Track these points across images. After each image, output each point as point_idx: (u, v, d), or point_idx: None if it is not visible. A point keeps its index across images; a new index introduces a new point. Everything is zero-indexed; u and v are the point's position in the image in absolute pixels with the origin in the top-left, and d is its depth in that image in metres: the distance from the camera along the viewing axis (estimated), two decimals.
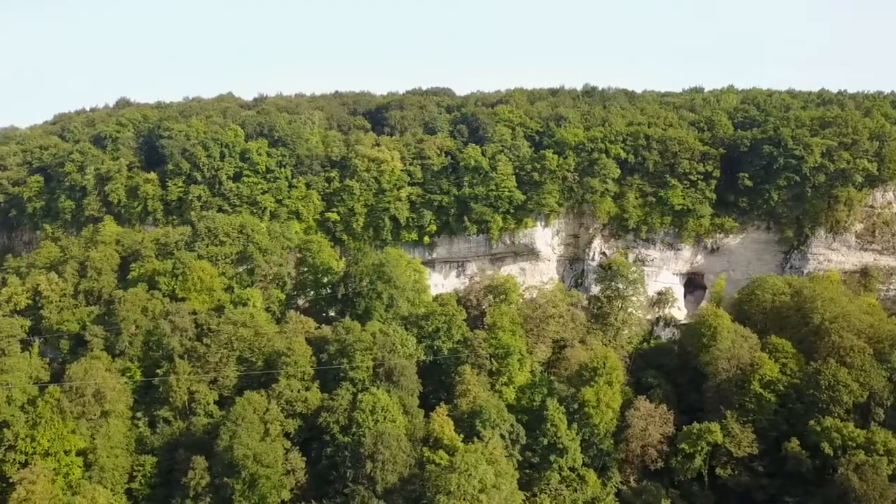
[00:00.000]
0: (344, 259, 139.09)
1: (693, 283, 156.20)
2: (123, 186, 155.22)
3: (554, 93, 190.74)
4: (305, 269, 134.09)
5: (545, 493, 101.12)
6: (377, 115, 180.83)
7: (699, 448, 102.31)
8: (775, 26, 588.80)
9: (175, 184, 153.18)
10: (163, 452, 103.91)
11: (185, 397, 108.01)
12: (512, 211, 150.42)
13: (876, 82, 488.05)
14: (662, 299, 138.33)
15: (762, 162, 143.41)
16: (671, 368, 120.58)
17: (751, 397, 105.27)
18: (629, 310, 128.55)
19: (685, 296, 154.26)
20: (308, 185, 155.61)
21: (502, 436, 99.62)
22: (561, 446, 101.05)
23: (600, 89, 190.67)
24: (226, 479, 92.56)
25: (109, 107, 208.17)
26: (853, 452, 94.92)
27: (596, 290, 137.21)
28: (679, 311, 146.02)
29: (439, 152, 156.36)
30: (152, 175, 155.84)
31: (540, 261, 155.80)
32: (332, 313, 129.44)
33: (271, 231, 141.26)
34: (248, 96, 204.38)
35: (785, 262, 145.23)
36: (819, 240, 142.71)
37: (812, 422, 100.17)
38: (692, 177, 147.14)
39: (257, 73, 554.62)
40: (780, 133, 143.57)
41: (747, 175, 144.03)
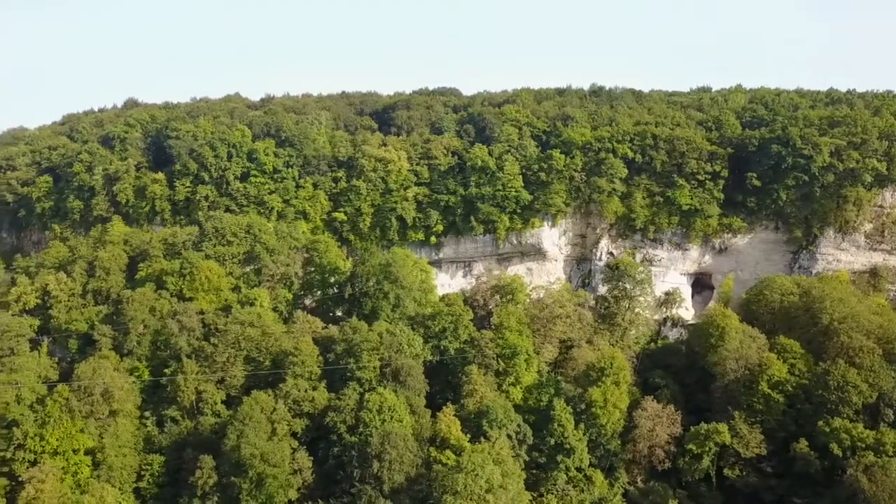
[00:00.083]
0: (351, 259, 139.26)
1: (701, 283, 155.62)
2: (131, 186, 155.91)
3: (561, 92, 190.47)
4: (312, 269, 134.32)
5: (552, 494, 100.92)
6: (384, 115, 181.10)
7: (707, 448, 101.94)
8: (783, 25, 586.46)
9: (183, 184, 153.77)
10: (170, 452, 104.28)
11: (192, 397, 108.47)
12: (519, 211, 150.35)
13: (876, 82, 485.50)
14: (670, 299, 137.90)
15: (770, 161, 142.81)
16: (679, 369, 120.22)
17: (759, 398, 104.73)
18: (636, 310, 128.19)
19: (693, 296, 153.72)
20: (315, 186, 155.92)
21: (509, 436, 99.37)
22: (568, 446, 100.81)
23: (607, 89, 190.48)
24: (233, 478, 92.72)
25: (117, 107, 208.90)
26: (862, 453, 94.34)
27: (603, 290, 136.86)
28: (687, 312, 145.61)
29: (446, 152, 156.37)
30: (160, 175, 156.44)
31: (547, 261, 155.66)
32: (339, 313, 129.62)
33: (278, 231, 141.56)
34: (256, 96, 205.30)
35: (793, 263, 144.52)
36: (828, 240, 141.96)
37: (821, 422, 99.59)
38: (700, 176, 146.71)
39: (264, 74, 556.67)
40: (789, 132, 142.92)
41: (755, 175, 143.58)
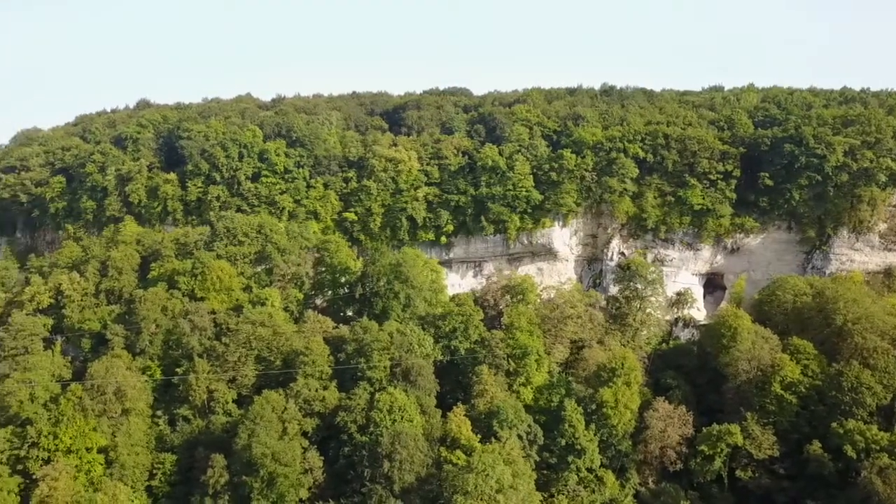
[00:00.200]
0: (361, 259, 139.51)
1: (713, 283, 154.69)
2: (144, 187, 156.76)
3: (572, 92, 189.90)
4: (323, 269, 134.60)
5: (563, 494, 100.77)
6: (394, 115, 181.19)
7: (719, 450, 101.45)
8: (783, 25, 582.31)
9: (194, 184, 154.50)
10: (182, 450, 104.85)
11: (204, 396, 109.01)
12: (529, 211, 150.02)
13: (876, 82, 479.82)
14: (681, 300, 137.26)
15: (783, 161, 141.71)
16: (690, 369, 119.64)
17: (771, 399, 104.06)
18: (648, 310, 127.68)
19: (704, 296, 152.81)
20: (326, 186, 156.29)
21: (520, 436, 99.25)
22: (579, 447, 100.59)
23: (618, 88, 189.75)
24: (244, 477, 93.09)
25: (130, 108, 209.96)
26: (876, 455, 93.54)
27: (614, 290, 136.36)
28: (698, 312, 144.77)
29: (456, 152, 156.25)
30: (172, 175, 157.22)
31: (558, 261, 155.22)
32: (350, 313, 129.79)
33: (289, 231, 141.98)
34: (267, 97, 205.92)
35: (806, 263, 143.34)
36: (841, 240, 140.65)
37: (834, 424, 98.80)
38: (712, 176, 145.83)
39: (275, 74, 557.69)
40: (802, 132, 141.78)
41: (768, 174, 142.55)
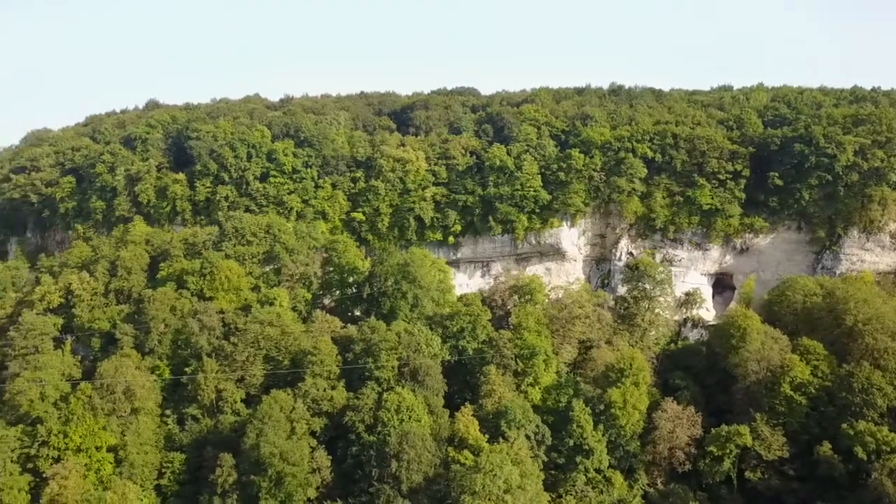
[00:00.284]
0: (369, 259, 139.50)
1: (722, 283, 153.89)
2: (153, 187, 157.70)
3: (580, 92, 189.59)
4: (331, 269, 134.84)
5: (571, 495, 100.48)
6: (402, 115, 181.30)
7: (728, 451, 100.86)
8: (783, 25, 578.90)
9: (203, 184, 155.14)
10: (191, 449, 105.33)
11: (212, 395, 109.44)
12: (537, 211, 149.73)
13: (877, 82, 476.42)
14: (690, 300, 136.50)
15: (793, 160, 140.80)
16: (699, 370, 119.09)
17: (781, 400, 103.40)
18: (656, 310, 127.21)
19: (713, 296, 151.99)
20: (334, 186, 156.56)
21: (528, 436, 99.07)
22: (587, 447, 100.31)
23: (627, 88, 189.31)
24: (252, 476, 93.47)
25: (139, 108, 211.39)
26: (887, 457, 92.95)
27: (622, 290, 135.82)
28: (707, 312, 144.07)
29: (464, 152, 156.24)
30: (181, 176, 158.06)
31: (566, 261, 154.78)
32: (358, 313, 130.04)
33: (297, 231, 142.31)
34: (275, 97, 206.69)
35: (816, 263, 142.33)
36: (852, 240, 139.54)
37: (845, 425, 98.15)
38: (721, 176, 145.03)
39: (283, 75, 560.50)
40: (812, 131, 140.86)
41: (778, 174, 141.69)
